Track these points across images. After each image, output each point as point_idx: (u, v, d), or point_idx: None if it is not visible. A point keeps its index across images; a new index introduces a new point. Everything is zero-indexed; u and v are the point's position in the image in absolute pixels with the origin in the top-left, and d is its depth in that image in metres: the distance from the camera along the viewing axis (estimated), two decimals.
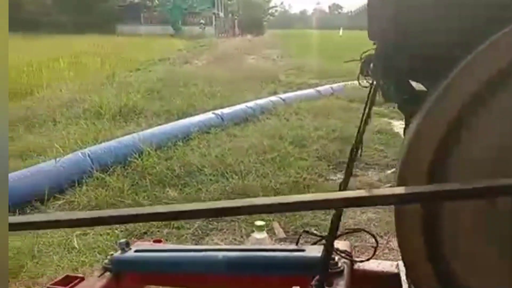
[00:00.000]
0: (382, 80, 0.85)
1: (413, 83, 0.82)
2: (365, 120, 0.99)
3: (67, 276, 1.30)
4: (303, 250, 1.13)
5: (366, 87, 1.00)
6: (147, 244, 1.45)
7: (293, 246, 1.18)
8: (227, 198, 3.46)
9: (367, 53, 0.88)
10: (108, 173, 3.79)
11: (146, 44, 17.29)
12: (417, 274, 0.67)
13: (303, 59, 15.15)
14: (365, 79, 0.91)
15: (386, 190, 0.47)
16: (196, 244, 2.85)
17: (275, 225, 3.11)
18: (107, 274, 1.32)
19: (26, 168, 3.52)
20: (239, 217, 3.25)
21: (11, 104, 6.51)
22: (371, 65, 0.84)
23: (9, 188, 3.20)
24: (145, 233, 3.06)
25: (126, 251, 1.31)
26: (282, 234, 2.98)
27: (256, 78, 9.93)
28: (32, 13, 24.43)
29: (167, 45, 18.21)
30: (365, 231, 1.24)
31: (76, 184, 3.58)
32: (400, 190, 0.49)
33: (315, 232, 1.28)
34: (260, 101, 6.60)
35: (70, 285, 1.25)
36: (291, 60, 15.56)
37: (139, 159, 4.06)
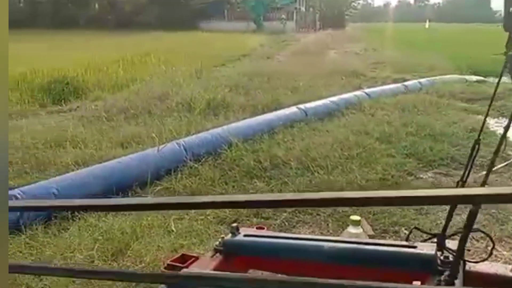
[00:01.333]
0: None
1: None
2: None
3: (183, 255, 1.40)
4: (414, 247, 1.14)
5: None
6: (252, 230, 1.53)
7: (403, 242, 1.18)
8: (313, 192, 3.49)
9: None
10: (200, 163, 4.00)
11: (229, 40, 17.77)
12: None
13: (387, 53, 14.64)
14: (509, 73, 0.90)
15: None
16: None
17: (363, 222, 3.09)
18: (218, 255, 1.41)
19: (128, 155, 3.82)
20: (324, 211, 3.28)
21: (111, 95, 7.09)
22: None
23: (113, 173, 3.53)
24: (235, 221, 3.20)
25: (236, 235, 1.40)
26: (370, 231, 2.96)
27: (339, 72, 9.80)
28: (126, 13, 26.17)
29: (249, 41, 18.55)
30: (481, 231, 1.21)
31: (172, 172, 3.82)
32: None
33: (423, 230, 1.27)
34: (344, 96, 6.54)
35: (187, 263, 1.35)
36: (375, 54, 15.11)
37: (228, 151, 4.22)
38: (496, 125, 5.48)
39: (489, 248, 1.19)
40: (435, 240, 1.16)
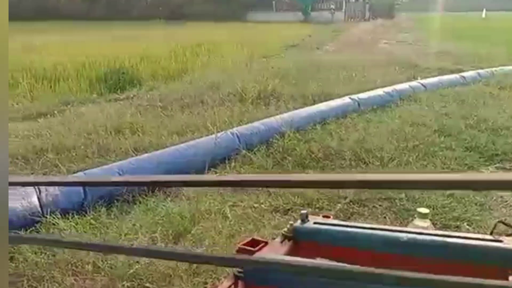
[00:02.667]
0: None
1: None
2: None
3: (253, 239, 1.42)
4: (500, 241, 1.09)
5: None
6: (320, 218, 1.53)
7: (487, 236, 1.13)
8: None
9: None
10: (253, 151, 4.03)
11: (278, 31, 17.69)
12: None
13: (442, 43, 14.04)
14: None
15: None
16: None
17: None
18: (286, 241, 1.41)
19: (185, 143, 3.92)
20: (381, 204, 3.22)
21: (165, 85, 7.27)
22: None
23: (171, 159, 3.63)
24: (289, 209, 3.21)
25: (305, 222, 1.40)
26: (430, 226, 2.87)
27: (391, 63, 9.53)
28: (177, 4, 26.67)
29: (298, 31, 18.38)
30: None
31: (226, 160, 3.88)
32: None
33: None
34: (398, 87, 6.35)
35: (257, 247, 1.36)
36: (428, 44, 14.53)
37: (281, 140, 4.22)
38: None
39: None
40: None
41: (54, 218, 2.70)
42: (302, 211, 1.45)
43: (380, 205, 3.19)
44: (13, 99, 6.41)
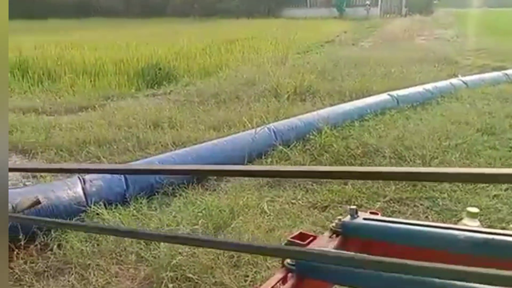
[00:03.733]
0: None
1: None
2: None
3: (301, 233, 1.41)
4: None
5: None
6: (367, 214, 1.50)
7: None
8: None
9: None
10: (289, 147, 4.01)
11: (312, 27, 17.54)
12: None
13: (482, 40, 13.55)
14: None
15: None
16: None
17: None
18: (334, 236, 1.39)
19: (222, 138, 3.95)
20: (422, 203, 3.15)
21: (200, 81, 7.35)
22: None
23: (210, 154, 3.66)
24: (326, 206, 3.18)
25: (354, 218, 1.38)
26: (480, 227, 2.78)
27: (430, 59, 9.28)
28: (210, 1, 26.89)
29: (332, 27, 18.17)
30: None
31: (263, 156, 3.88)
32: None
33: None
34: (438, 84, 6.18)
35: (307, 241, 1.35)
36: (469, 40, 14.06)
37: (318, 136, 4.19)
38: None
39: None
40: None
41: (98, 208, 2.77)
42: (351, 207, 1.43)
43: (421, 204, 3.12)
44: (56, 93, 6.64)
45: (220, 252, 2.33)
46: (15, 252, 2.46)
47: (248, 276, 2.18)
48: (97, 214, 2.73)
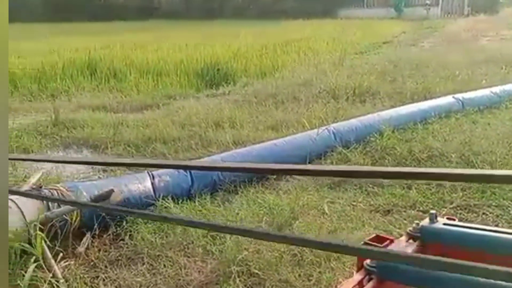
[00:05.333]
0: None
1: None
2: None
3: (377, 236, 1.40)
4: None
5: None
6: (444, 220, 1.47)
7: None
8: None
9: None
10: (349, 149, 3.97)
11: (369, 27, 17.17)
12: None
13: None
14: None
15: None
16: None
17: None
18: (411, 240, 1.38)
19: (282, 138, 3.98)
20: (492, 211, 3.01)
21: (258, 81, 7.43)
22: None
23: (270, 154, 3.71)
24: (389, 211, 3.12)
25: (434, 223, 1.35)
26: None
27: (496, 61, 8.79)
28: (266, 2, 27.10)
29: (390, 28, 17.69)
30: None
31: (322, 157, 3.87)
32: None
33: None
34: (507, 87, 5.86)
35: (384, 244, 1.35)
36: None
37: (379, 139, 4.11)
38: None
39: None
40: None
41: (165, 202, 2.90)
42: (431, 211, 1.40)
43: (491, 212, 2.99)
44: (122, 92, 6.98)
45: (283, 250, 2.36)
46: (90, 241, 2.63)
47: (312, 276, 2.20)
48: (165, 207, 2.86)
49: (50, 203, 2.46)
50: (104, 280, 2.32)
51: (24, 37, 15.28)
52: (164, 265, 2.35)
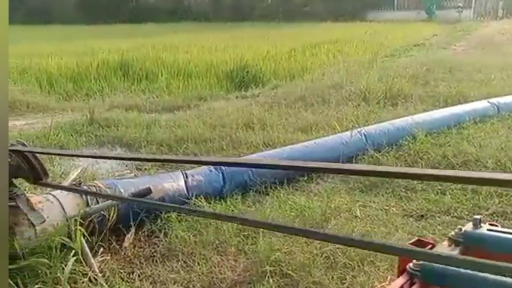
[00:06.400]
0: None
1: None
2: None
3: (418, 240, 1.39)
4: None
5: None
6: (488, 226, 1.44)
7: None
8: None
9: None
10: (381, 153, 3.94)
11: (400, 30, 16.92)
12: None
13: None
14: None
15: None
16: None
17: None
18: (453, 245, 1.35)
19: (312, 140, 3.98)
20: None
21: (287, 83, 7.44)
22: None
23: (300, 156, 3.71)
24: (422, 216, 3.08)
25: (478, 228, 1.33)
26: None
27: None
28: (296, 5, 27.06)
29: (421, 30, 17.37)
30: None
31: (353, 160, 3.85)
32: None
33: None
34: None
35: (427, 248, 1.33)
36: None
37: (412, 143, 4.06)
38: None
39: None
40: None
41: (198, 201, 2.95)
42: (476, 216, 1.38)
43: None
44: (153, 92, 7.12)
45: (316, 252, 2.36)
46: (126, 237, 2.69)
47: (345, 279, 2.19)
48: (198, 206, 2.90)
49: (89, 200, 2.53)
50: (139, 276, 2.38)
51: (61, 37, 15.79)
52: (198, 263, 2.39)
